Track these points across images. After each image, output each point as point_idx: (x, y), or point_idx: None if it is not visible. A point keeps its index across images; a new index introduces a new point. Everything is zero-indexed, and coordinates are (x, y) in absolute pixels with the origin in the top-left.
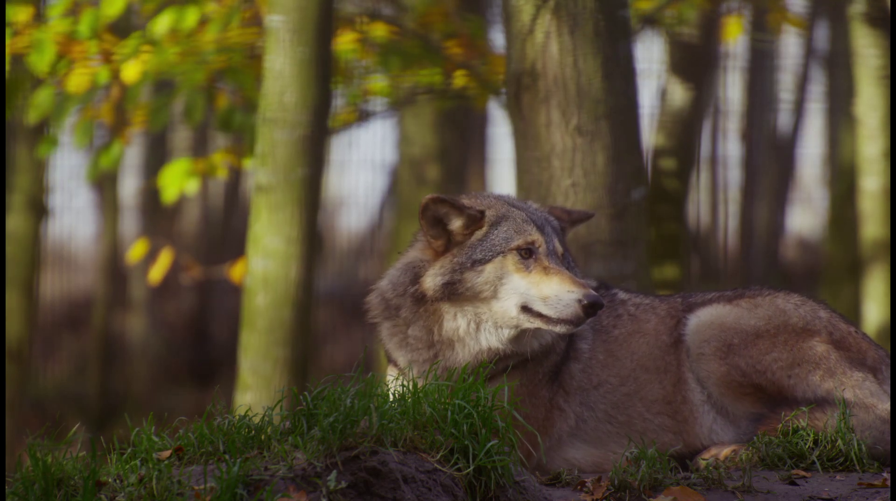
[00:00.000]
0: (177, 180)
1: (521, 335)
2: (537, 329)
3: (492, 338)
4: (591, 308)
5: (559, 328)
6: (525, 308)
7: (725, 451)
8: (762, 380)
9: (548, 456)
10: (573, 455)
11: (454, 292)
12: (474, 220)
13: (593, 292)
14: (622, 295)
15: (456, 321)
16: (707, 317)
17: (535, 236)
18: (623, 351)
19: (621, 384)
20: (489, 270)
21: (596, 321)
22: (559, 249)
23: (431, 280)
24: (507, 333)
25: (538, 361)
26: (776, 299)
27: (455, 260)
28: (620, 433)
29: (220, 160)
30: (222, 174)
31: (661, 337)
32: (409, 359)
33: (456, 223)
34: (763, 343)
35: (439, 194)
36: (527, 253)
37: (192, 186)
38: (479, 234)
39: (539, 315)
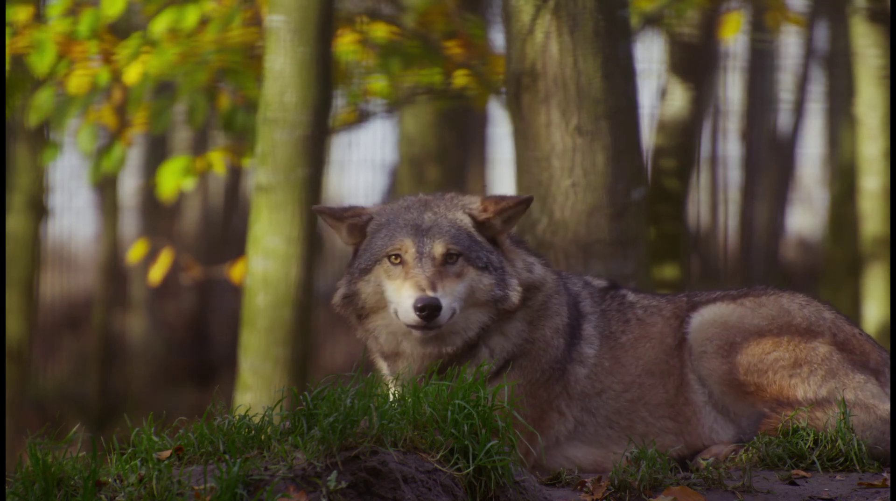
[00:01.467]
0: (174, 178)
1: (427, 338)
2: (452, 329)
3: (411, 347)
4: (422, 311)
5: (416, 333)
6: (396, 313)
7: (725, 451)
8: (764, 379)
9: (547, 455)
10: (573, 453)
11: (357, 305)
12: (356, 229)
13: (425, 295)
14: (631, 297)
15: (383, 336)
16: (710, 315)
17: (405, 242)
18: (629, 357)
19: (625, 391)
20: (373, 279)
21: (605, 327)
22: (437, 251)
23: (336, 294)
24: (416, 335)
25: (534, 358)
26: (781, 298)
27: (351, 269)
28: (621, 436)
29: (218, 157)
30: (220, 170)
31: (665, 340)
32: (388, 369)
33: (342, 233)
34: (766, 343)
35: (321, 205)
36: (396, 258)
37: (189, 184)
38: (365, 243)
39: (402, 320)
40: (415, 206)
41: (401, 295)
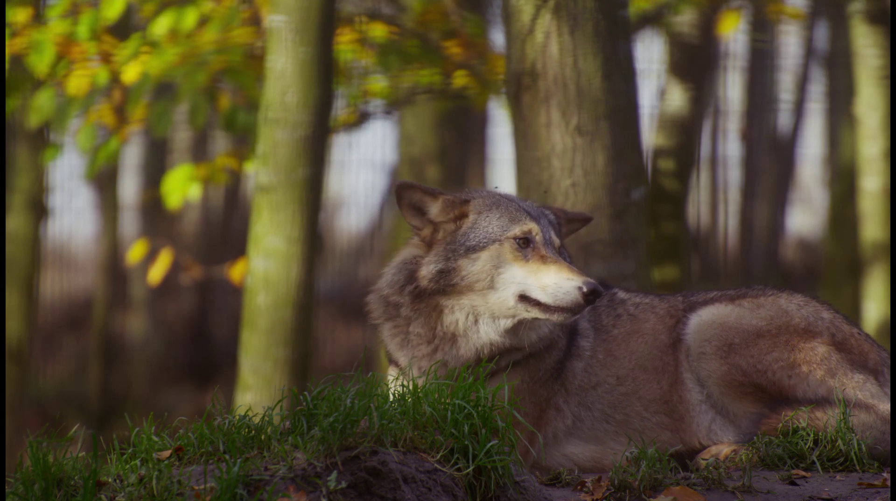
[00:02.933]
0: (180, 186)
1: (518, 326)
2: (534, 321)
3: (490, 331)
4: (591, 295)
5: (557, 317)
6: (523, 297)
7: (725, 451)
8: (762, 380)
9: (546, 453)
10: (571, 451)
11: (449, 282)
12: (453, 205)
13: (592, 280)
14: (622, 294)
15: (454, 315)
16: (708, 316)
17: (532, 225)
18: (622, 351)
19: (619, 384)
20: (485, 257)
21: (596, 320)
22: (556, 240)
23: (426, 268)
24: (503, 324)
25: (541, 357)
26: (779, 299)
27: (448, 247)
28: (618, 431)
29: (221, 165)
30: (223, 180)
31: (659, 337)
32: (411, 357)
33: (433, 209)
34: (764, 343)
35: (408, 181)
36: (524, 242)
37: (195, 192)
38: (468, 222)
39: (538, 304)
40: (509, 196)
41: (548, 277)
